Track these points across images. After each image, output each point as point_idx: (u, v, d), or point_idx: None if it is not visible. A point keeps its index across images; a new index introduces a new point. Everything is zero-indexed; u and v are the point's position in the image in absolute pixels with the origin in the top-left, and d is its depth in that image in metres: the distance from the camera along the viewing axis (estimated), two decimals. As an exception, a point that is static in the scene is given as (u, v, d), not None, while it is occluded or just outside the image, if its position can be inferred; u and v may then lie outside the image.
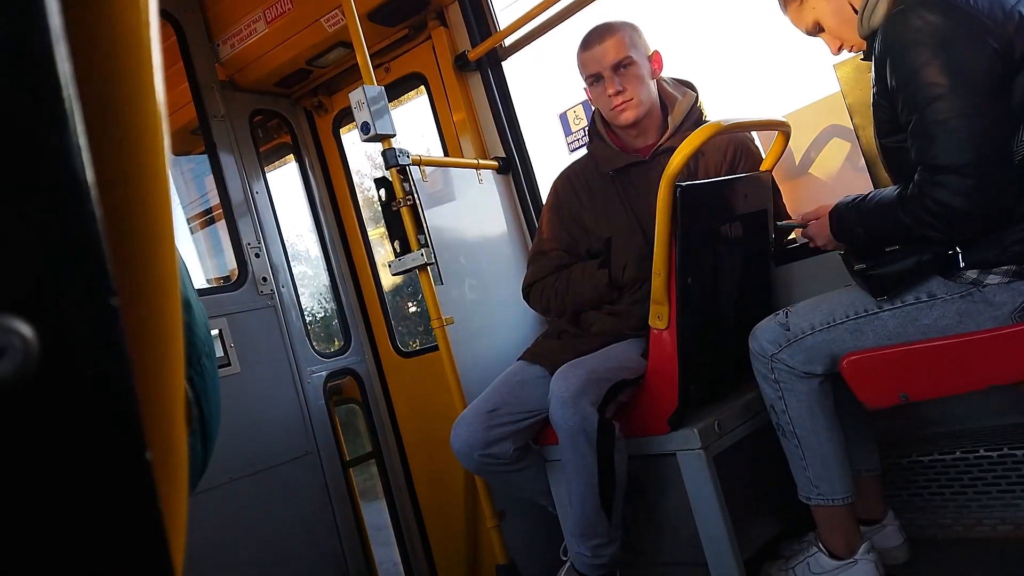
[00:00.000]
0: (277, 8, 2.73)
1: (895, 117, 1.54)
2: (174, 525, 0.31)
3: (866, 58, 1.66)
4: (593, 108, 2.23)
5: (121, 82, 0.32)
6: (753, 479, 1.98)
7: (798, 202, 2.17)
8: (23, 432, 0.26)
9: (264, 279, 2.77)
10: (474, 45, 2.75)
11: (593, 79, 2.08)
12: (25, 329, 0.26)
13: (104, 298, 0.27)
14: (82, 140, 0.27)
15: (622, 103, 2.04)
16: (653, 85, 2.10)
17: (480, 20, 2.77)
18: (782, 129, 1.95)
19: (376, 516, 3.11)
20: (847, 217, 1.62)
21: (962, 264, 1.51)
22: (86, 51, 0.31)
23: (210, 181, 2.89)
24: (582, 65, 2.11)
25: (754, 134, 2.18)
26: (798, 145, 2.17)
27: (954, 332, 1.54)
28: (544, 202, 2.36)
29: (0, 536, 0.25)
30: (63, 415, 0.26)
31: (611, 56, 2.03)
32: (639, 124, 2.08)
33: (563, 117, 2.73)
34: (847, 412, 1.75)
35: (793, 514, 1.93)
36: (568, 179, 2.22)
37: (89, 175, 0.27)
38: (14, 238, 0.26)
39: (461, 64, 2.78)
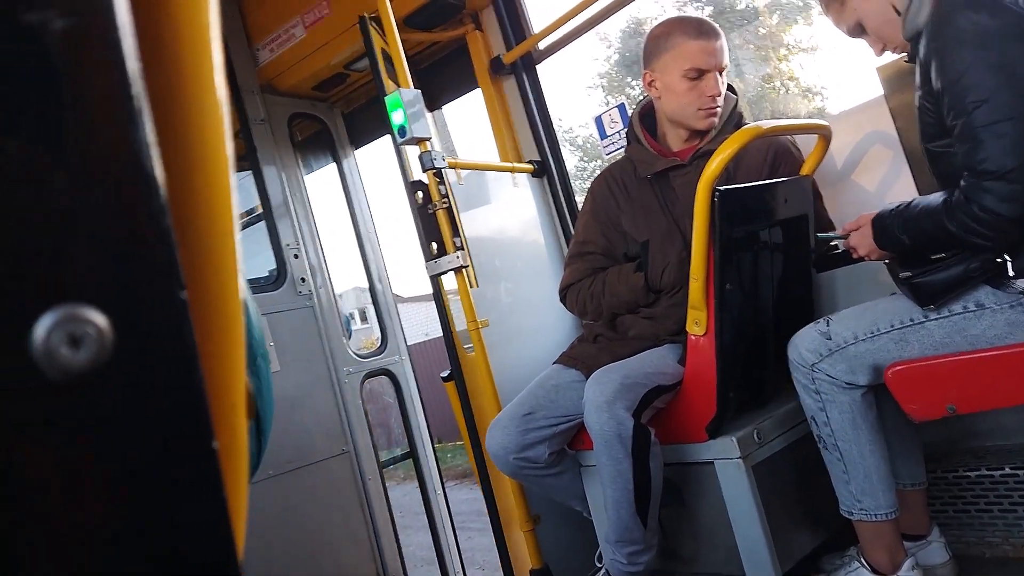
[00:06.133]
0: (315, 13, 2.77)
1: (941, 120, 1.50)
2: (237, 513, 0.32)
3: (910, 60, 1.62)
4: (633, 111, 2.21)
5: (185, 79, 0.33)
6: (793, 489, 1.94)
7: (839, 207, 2.13)
8: (98, 418, 0.26)
9: (303, 279, 2.81)
10: (509, 48, 2.76)
11: (696, 73, 1.94)
12: (100, 320, 0.26)
13: (174, 291, 0.28)
14: (151, 136, 0.28)
15: (715, 107, 1.98)
16: None
17: (515, 23, 2.78)
18: (823, 132, 1.92)
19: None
20: (890, 225, 1.58)
21: (1011, 273, 1.47)
22: (151, 48, 0.31)
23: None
24: (687, 54, 1.94)
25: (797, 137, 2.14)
26: (839, 149, 2.14)
27: (1003, 343, 1.50)
28: (580, 205, 2.35)
29: (75, 518, 0.26)
30: (136, 403, 0.27)
31: (723, 57, 1.96)
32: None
33: (598, 120, 2.72)
34: (891, 423, 1.71)
35: (835, 526, 1.89)
36: (605, 182, 2.21)
37: (158, 171, 0.28)
38: (90, 233, 0.27)
39: (496, 68, 2.79)
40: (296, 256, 2.83)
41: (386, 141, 2.31)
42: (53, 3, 0.26)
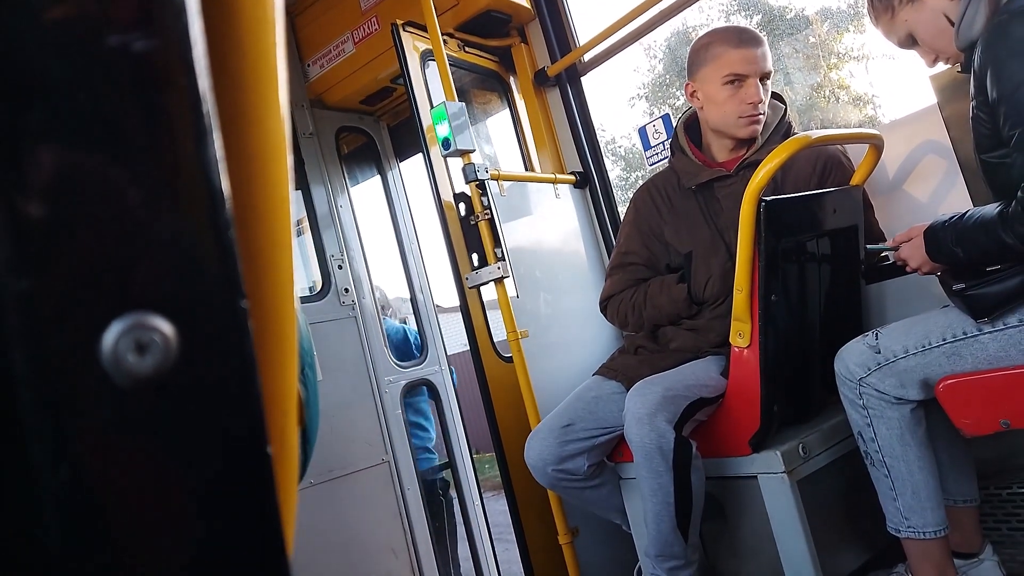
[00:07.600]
0: (364, 29, 2.83)
1: (996, 131, 1.47)
2: (286, 517, 0.33)
3: (964, 71, 1.59)
4: (678, 121, 2.20)
5: (250, 98, 0.35)
6: (839, 505, 1.89)
7: (891, 218, 2.09)
8: (161, 423, 0.28)
9: (346, 290, 2.86)
10: (553, 61, 2.77)
11: (736, 79, 1.93)
12: (166, 327, 0.28)
13: (235, 300, 0.29)
14: (219, 153, 0.29)
15: (757, 115, 1.96)
16: None
17: (560, 36, 2.79)
18: (874, 142, 1.88)
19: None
20: (943, 238, 1.54)
21: (1070, 285, 1.42)
22: (219, 68, 0.33)
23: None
24: (726, 61, 1.93)
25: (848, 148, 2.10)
26: (891, 159, 2.09)
27: (1063, 357, 1.45)
28: (622, 216, 2.34)
29: (136, 519, 0.27)
30: (197, 408, 0.28)
31: (764, 64, 1.94)
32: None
33: (642, 131, 2.71)
34: (941, 439, 1.66)
35: (882, 543, 1.84)
36: (648, 192, 2.20)
37: (225, 186, 0.30)
38: (159, 244, 0.28)
39: (540, 80, 2.81)
40: (340, 267, 2.89)
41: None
42: (134, 26, 0.28)
